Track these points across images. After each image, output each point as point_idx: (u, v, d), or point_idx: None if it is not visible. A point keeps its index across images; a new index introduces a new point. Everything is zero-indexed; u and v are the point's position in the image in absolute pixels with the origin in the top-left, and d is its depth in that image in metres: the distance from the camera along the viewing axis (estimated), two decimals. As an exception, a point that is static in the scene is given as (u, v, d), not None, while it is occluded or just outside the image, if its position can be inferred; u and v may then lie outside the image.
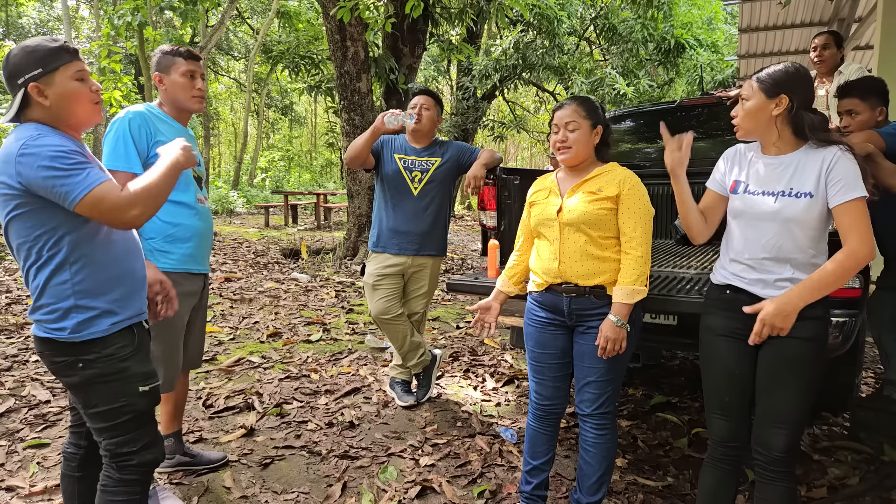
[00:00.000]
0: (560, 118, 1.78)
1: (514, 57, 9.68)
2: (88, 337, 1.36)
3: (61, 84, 1.34)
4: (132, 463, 1.44)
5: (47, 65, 1.32)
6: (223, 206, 13.42)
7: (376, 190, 2.86)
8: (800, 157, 1.49)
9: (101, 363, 1.38)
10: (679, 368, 3.58)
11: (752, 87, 1.51)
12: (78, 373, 1.38)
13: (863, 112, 2.29)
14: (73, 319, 1.35)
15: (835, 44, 3.17)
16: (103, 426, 1.42)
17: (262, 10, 17.27)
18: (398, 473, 2.25)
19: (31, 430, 2.47)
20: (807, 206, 1.45)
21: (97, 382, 1.39)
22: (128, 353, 1.42)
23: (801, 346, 1.47)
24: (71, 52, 1.36)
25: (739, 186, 1.58)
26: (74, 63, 1.36)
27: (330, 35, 6.43)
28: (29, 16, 19.81)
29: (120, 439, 1.43)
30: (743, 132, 1.56)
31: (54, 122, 1.36)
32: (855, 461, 2.35)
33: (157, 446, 1.50)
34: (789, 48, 7.00)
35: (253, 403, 2.84)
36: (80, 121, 1.40)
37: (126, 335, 1.43)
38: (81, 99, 1.37)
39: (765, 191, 1.51)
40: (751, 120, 1.52)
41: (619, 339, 1.69)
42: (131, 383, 1.42)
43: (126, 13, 6.72)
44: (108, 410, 1.40)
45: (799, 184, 1.47)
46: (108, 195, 1.28)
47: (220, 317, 4.47)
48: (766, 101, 1.49)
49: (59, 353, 1.38)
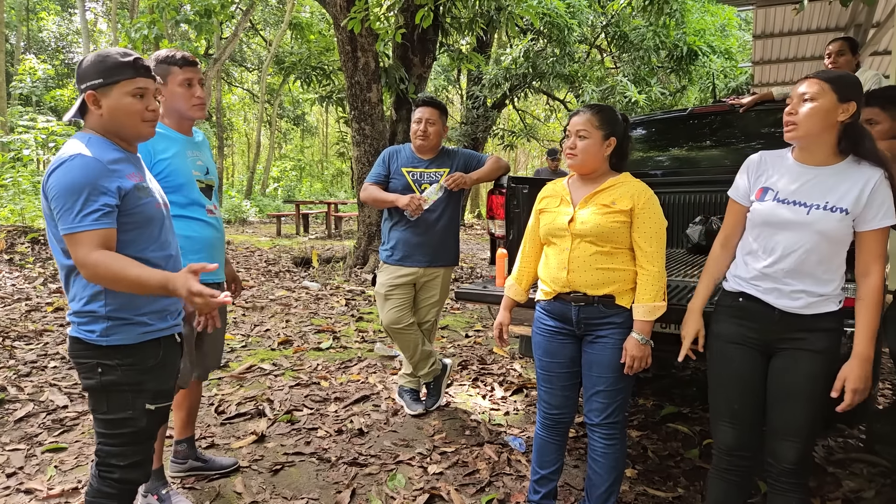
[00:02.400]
0: (573, 125, 1.78)
1: (524, 66, 9.71)
2: (116, 343, 1.39)
3: (116, 98, 1.38)
4: (114, 476, 1.44)
5: (108, 76, 1.36)
6: (236, 216, 13.58)
7: None
8: (841, 171, 1.44)
9: (120, 371, 1.40)
10: (690, 378, 3.54)
11: (820, 86, 1.41)
12: (96, 377, 1.40)
13: (883, 122, 2.26)
14: (104, 324, 1.38)
15: (850, 50, 3.13)
16: (102, 432, 1.44)
17: (274, 22, 17.56)
18: (406, 481, 2.25)
19: (49, 435, 2.52)
20: (840, 221, 1.41)
21: (111, 390, 1.41)
22: (148, 367, 1.44)
23: (814, 358, 1.46)
24: (138, 68, 1.39)
25: (767, 194, 1.51)
26: (136, 80, 1.39)
27: (341, 46, 6.52)
28: (49, 30, 20.33)
29: (112, 449, 1.44)
30: (800, 132, 1.44)
31: (107, 133, 1.41)
32: (871, 474, 2.30)
33: (144, 467, 1.50)
34: (805, 54, 6.93)
35: (264, 410, 2.87)
36: (129, 135, 1.43)
37: (152, 347, 1.45)
38: (132, 115, 1.39)
39: (797, 201, 1.45)
40: (817, 121, 1.41)
41: (645, 357, 1.69)
42: (141, 398, 1.43)
43: (143, 26, 6.87)
44: (112, 419, 1.42)
45: (836, 198, 1.42)
46: (81, 246, 1.29)
47: (233, 324, 4.52)
48: (836, 104, 1.40)
49: (85, 354, 1.40)
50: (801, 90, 1.44)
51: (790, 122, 1.46)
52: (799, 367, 1.47)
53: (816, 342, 1.45)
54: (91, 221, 1.29)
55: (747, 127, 3.36)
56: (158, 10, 6.96)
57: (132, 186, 1.39)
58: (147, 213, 1.42)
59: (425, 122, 2.69)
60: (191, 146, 1.99)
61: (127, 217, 1.37)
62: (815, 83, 1.43)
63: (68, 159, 1.32)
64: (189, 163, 1.94)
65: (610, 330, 1.74)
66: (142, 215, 1.40)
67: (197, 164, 1.99)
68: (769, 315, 1.50)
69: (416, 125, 2.71)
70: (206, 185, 2.02)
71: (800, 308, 1.46)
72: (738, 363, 1.56)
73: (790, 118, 1.46)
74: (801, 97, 1.44)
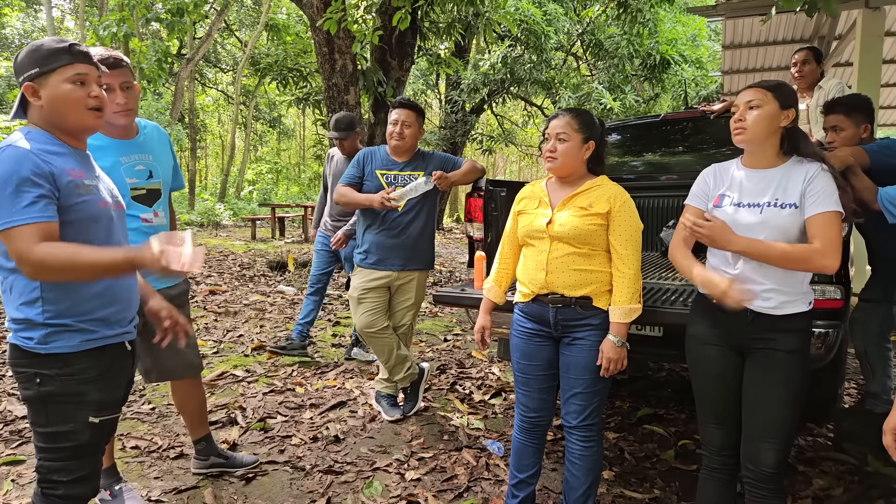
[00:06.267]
0: (552, 128, 1.79)
1: (502, 71, 9.80)
2: (55, 350, 1.30)
3: (54, 86, 1.29)
4: (57, 493, 1.34)
5: (44, 65, 1.28)
6: (209, 219, 13.28)
7: None
8: (785, 170, 1.52)
9: (60, 381, 1.30)
10: (666, 380, 3.59)
11: (764, 94, 1.51)
12: (34, 387, 1.30)
13: (848, 128, 2.34)
14: (42, 331, 1.29)
15: (814, 59, 3.25)
16: (42, 446, 1.33)
17: (250, 23, 17.33)
18: (383, 488, 2.21)
19: (5, 447, 2.40)
20: (790, 215, 1.47)
21: (50, 401, 1.31)
22: (91, 377, 1.34)
23: (786, 358, 1.48)
24: (74, 53, 1.30)
25: (724, 200, 1.59)
26: (74, 66, 1.30)
27: (318, 47, 6.46)
28: (13, 26, 19.64)
29: (53, 465, 1.33)
30: (748, 136, 1.52)
31: (50, 126, 1.32)
32: (839, 472, 2.36)
33: (90, 482, 1.39)
34: (771, 65, 7.17)
35: (236, 418, 2.79)
36: (73, 126, 1.33)
37: (95, 356, 1.34)
38: (73, 103, 1.30)
39: (750, 202, 1.53)
40: (764, 126, 1.50)
41: (621, 359, 1.70)
42: (83, 410, 1.33)
43: (112, 24, 6.67)
44: (51, 433, 1.32)
45: (784, 195, 1.49)
46: (19, 241, 1.18)
47: (204, 330, 4.40)
48: (779, 111, 1.51)
49: (22, 362, 1.31)
50: (747, 98, 1.53)
51: (739, 127, 1.54)
52: (772, 369, 1.49)
53: (787, 343, 1.48)
54: (29, 214, 1.18)
55: (718, 133, 3.44)
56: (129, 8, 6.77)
57: (69, 183, 1.28)
58: (89, 212, 1.31)
59: (401, 124, 2.66)
60: (129, 150, 1.86)
61: (64, 215, 1.26)
62: (759, 91, 1.53)
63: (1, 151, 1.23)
64: (123, 171, 1.83)
65: (587, 332, 1.75)
66: (81, 213, 1.29)
67: (135, 170, 1.86)
68: (742, 317, 1.53)
69: (392, 126, 2.68)
70: (146, 191, 1.88)
71: (772, 308, 1.50)
72: (715, 364, 1.59)
73: (739, 124, 1.54)
74: (747, 104, 1.53)
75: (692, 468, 2.38)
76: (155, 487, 2.15)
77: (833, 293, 1.89)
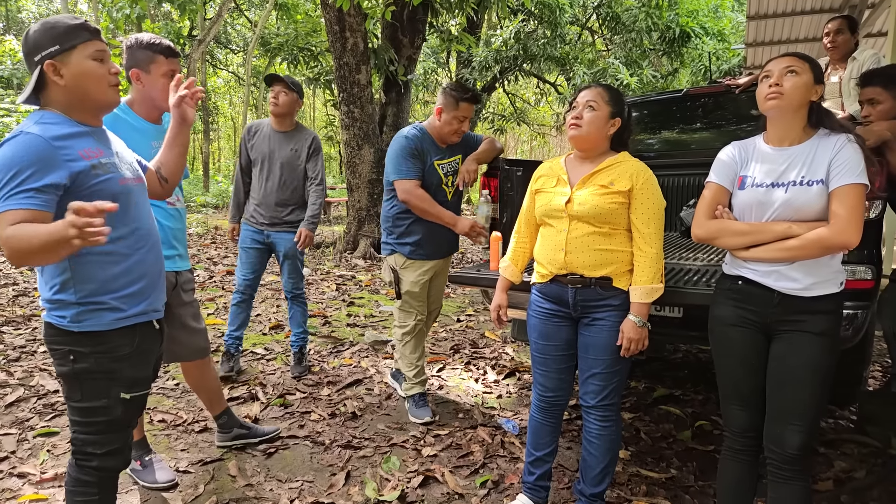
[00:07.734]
0: (582, 96, 1.75)
1: (514, 47, 9.59)
2: (87, 329, 1.34)
3: (78, 63, 1.29)
4: (92, 465, 1.40)
5: (65, 42, 1.27)
6: (223, 201, 13.39)
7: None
8: (812, 144, 1.47)
9: (93, 359, 1.34)
10: (682, 361, 3.57)
11: (802, 65, 1.47)
12: (69, 364, 1.35)
13: (885, 101, 2.23)
14: (75, 309, 1.33)
15: (848, 29, 3.07)
16: (77, 420, 1.39)
17: (259, 3, 17.13)
18: (401, 463, 2.24)
19: (40, 419, 2.48)
20: (818, 192, 1.42)
21: (84, 377, 1.35)
22: (122, 354, 1.38)
23: (815, 341, 1.45)
24: (91, 30, 1.31)
25: (746, 181, 1.54)
26: (94, 42, 1.31)
27: (329, 26, 6.37)
28: (28, 10, 19.72)
29: (87, 437, 1.39)
30: (785, 101, 1.46)
31: (70, 106, 1.32)
32: (862, 454, 2.33)
33: (123, 454, 1.45)
34: (798, 36, 6.89)
35: (257, 394, 2.84)
36: (97, 103, 1.35)
37: (126, 334, 1.39)
38: (98, 80, 1.31)
39: (774, 182, 1.48)
40: (801, 94, 1.46)
41: (642, 339, 1.68)
42: (115, 387, 1.38)
43: (125, 6, 6.67)
44: (85, 408, 1.37)
45: (810, 171, 1.44)
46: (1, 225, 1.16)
47: (224, 309, 4.46)
48: (813, 84, 1.47)
49: (57, 340, 1.35)
50: (786, 64, 1.48)
51: (776, 91, 1.47)
52: (800, 350, 1.46)
53: (817, 325, 1.45)
54: (15, 201, 1.17)
55: (743, 108, 3.33)
56: (140, -11, 6.75)
57: (86, 166, 1.27)
58: (110, 192, 1.30)
59: (467, 121, 2.55)
60: (158, 136, 1.90)
61: (83, 198, 1.23)
62: (797, 60, 1.49)
63: (12, 137, 1.23)
64: (153, 155, 1.85)
65: (607, 312, 1.72)
66: (102, 195, 1.27)
67: None
68: (769, 298, 1.49)
69: (459, 124, 2.52)
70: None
71: (800, 290, 1.45)
72: (740, 346, 1.56)
73: (776, 88, 1.47)
74: (786, 69, 1.48)
75: (709, 449, 2.38)
76: (182, 459, 2.21)
77: (864, 273, 1.84)
